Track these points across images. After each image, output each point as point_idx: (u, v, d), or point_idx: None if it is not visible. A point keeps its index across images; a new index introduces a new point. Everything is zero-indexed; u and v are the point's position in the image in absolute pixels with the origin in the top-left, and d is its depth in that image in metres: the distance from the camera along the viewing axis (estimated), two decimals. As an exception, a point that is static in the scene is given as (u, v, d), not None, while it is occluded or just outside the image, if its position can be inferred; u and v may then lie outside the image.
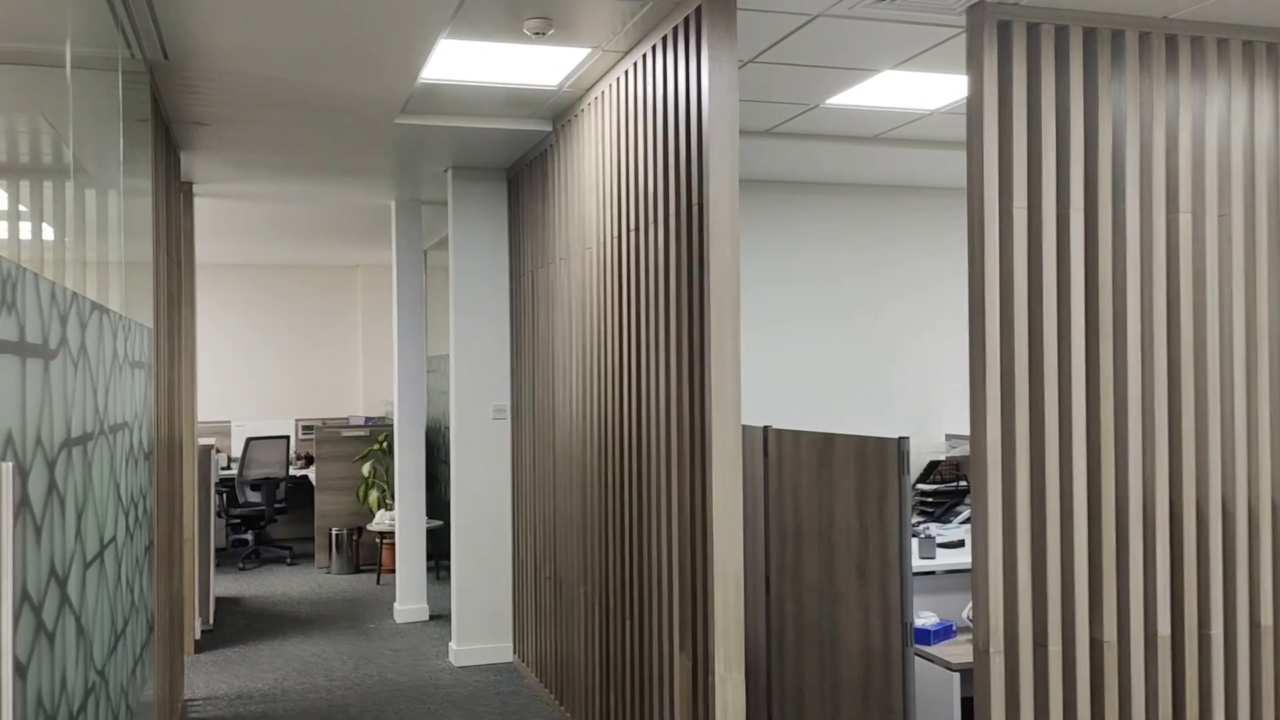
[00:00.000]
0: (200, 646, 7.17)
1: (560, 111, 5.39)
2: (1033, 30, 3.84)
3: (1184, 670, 3.95)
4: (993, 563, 3.76)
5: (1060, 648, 3.83)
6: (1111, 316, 3.92)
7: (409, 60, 4.40)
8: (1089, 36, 3.90)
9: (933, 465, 7.05)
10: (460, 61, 4.52)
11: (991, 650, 3.75)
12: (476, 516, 6.72)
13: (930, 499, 6.88)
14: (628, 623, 4.42)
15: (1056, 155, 3.87)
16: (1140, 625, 3.91)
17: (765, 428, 4.69)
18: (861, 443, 4.04)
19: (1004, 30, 3.80)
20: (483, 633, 6.74)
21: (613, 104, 4.60)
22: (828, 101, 5.11)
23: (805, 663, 4.42)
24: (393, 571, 8.85)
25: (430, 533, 8.74)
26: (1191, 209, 4.01)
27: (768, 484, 4.67)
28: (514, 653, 6.74)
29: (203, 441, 7.92)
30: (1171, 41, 3.99)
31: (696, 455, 3.71)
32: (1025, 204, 3.84)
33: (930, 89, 4.91)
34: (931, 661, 4.62)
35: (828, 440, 4.24)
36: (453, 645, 6.76)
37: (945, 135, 5.77)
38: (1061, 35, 3.87)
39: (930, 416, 7.31)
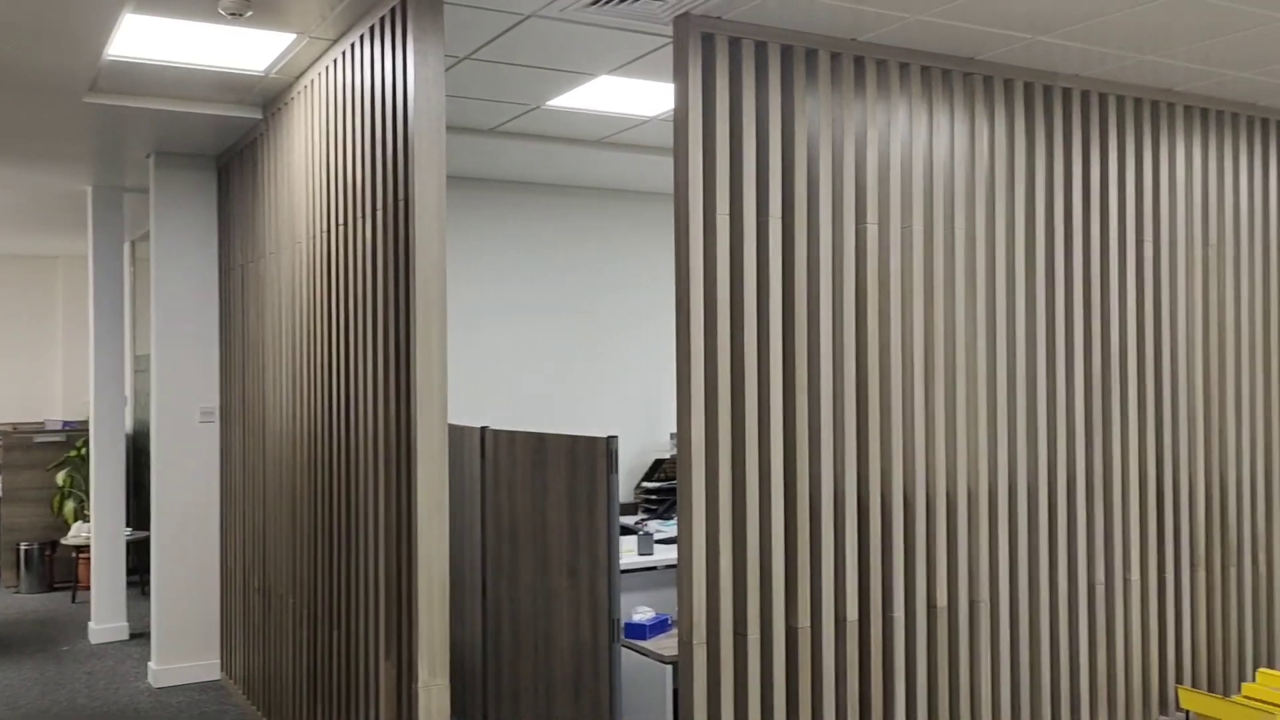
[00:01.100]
0: None
1: (270, 99, 5.13)
2: (735, 44, 3.99)
3: (870, 651, 4.23)
4: (696, 556, 3.88)
5: (759, 635, 4.01)
6: (806, 320, 4.14)
7: (92, 34, 4.05)
8: (786, 53, 4.10)
9: (658, 463, 7.23)
10: (156, 39, 4.21)
11: (695, 641, 3.87)
12: (181, 526, 6.30)
13: (654, 496, 7.06)
14: (335, 632, 4.26)
15: (757, 165, 4.05)
16: (831, 610, 4.15)
17: (483, 428, 4.65)
18: (572, 442, 4.08)
19: (708, 42, 3.94)
20: (186, 650, 6.33)
21: (322, 93, 4.42)
22: (549, 103, 5.13)
23: (521, 663, 4.41)
24: (90, 588, 8.16)
25: (136, 545, 8.13)
26: (878, 220, 4.29)
27: (485, 485, 4.63)
28: (221, 670, 6.36)
29: None
30: (859, 63, 4.26)
31: (402, 455, 3.62)
32: (728, 211, 3.99)
33: (648, 96, 5.02)
34: (645, 655, 4.73)
35: (540, 440, 4.24)
36: (152, 665, 6.31)
37: (664, 141, 5.93)
38: (761, 51, 4.05)
39: (658, 415, 7.50)
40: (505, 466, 4.46)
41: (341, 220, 4.19)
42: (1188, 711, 4.96)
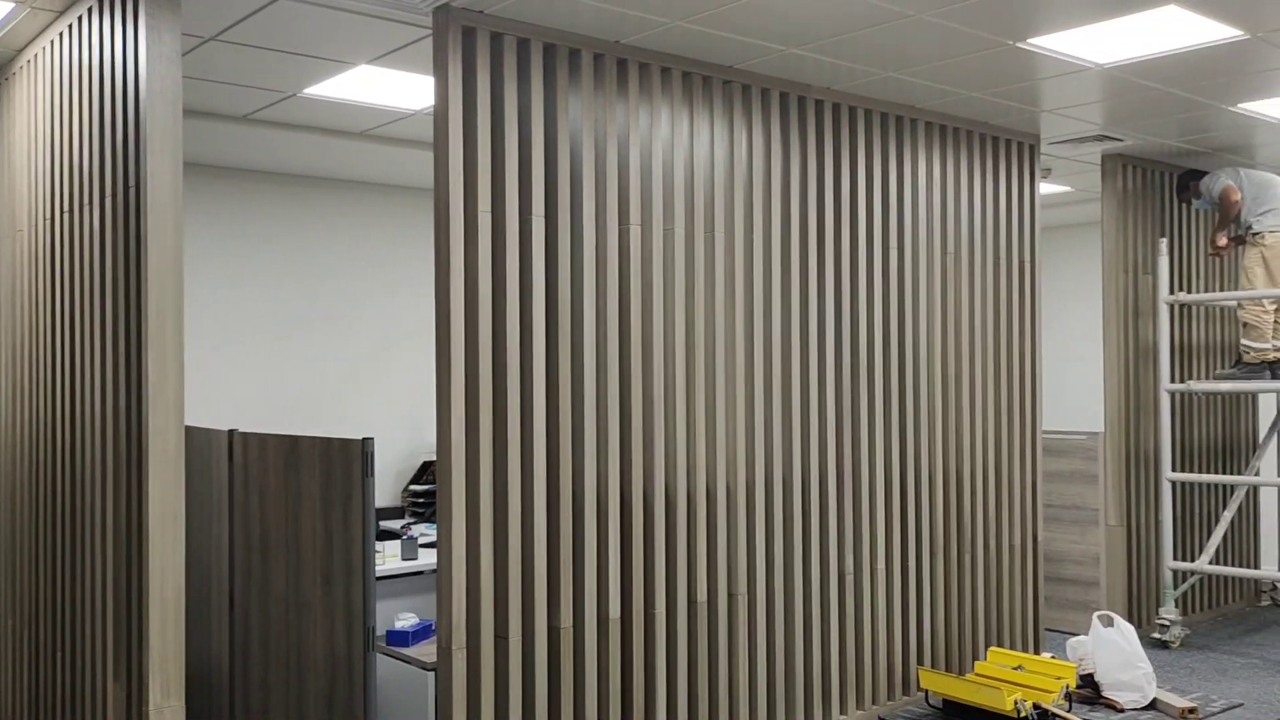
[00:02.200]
0: None
1: (-10, 72, 4.68)
2: (496, 40, 3.94)
3: (633, 648, 4.27)
4: (456, 560, 3.81)
5: (520, 637, 3.97)
6: (570, 320, 4.14)
7: None
8: (549, 52, 4.09)
9: (426, 466, 7.07)
10: None
11: (454, 647, 3.79)
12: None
13: (421, 499, 6.90)
14: (59, 655, 3.92)
15: (519, 164, 4.01)
16: (594, 610, 4.17)
17: (231, 431, 4.40)
18: (327, 445, 3.91)
19: (469, 37, 3.87)
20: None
21: (46, 69, 4.06)
22: (306, 91, 4.91)
23: (271, 677, 4.19)
24: None
25: None
26: (640, 222, 4.34)
27: (233, 492, 4.38)
28: (-65, 701, 5.75)
29: None
30: (623, 65, 4.30)
31: (134, 460, 3.37)
32: (490, 208, 3.93)
33: (413, 88, 4.89)
34: (407, 663, 4.61)
35: (294, 443, 4.05)
36: None
37: (430, 136, 5.79)
38: (524, 48, 4.02)
39: (427, 417, 7.31)
40: (256, 471, 4.23)
41: (67, 207, 3.87)
42: (927, 691, 5.29)
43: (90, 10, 3.64)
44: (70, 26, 3.82)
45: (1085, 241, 8.44)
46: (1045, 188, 7.20)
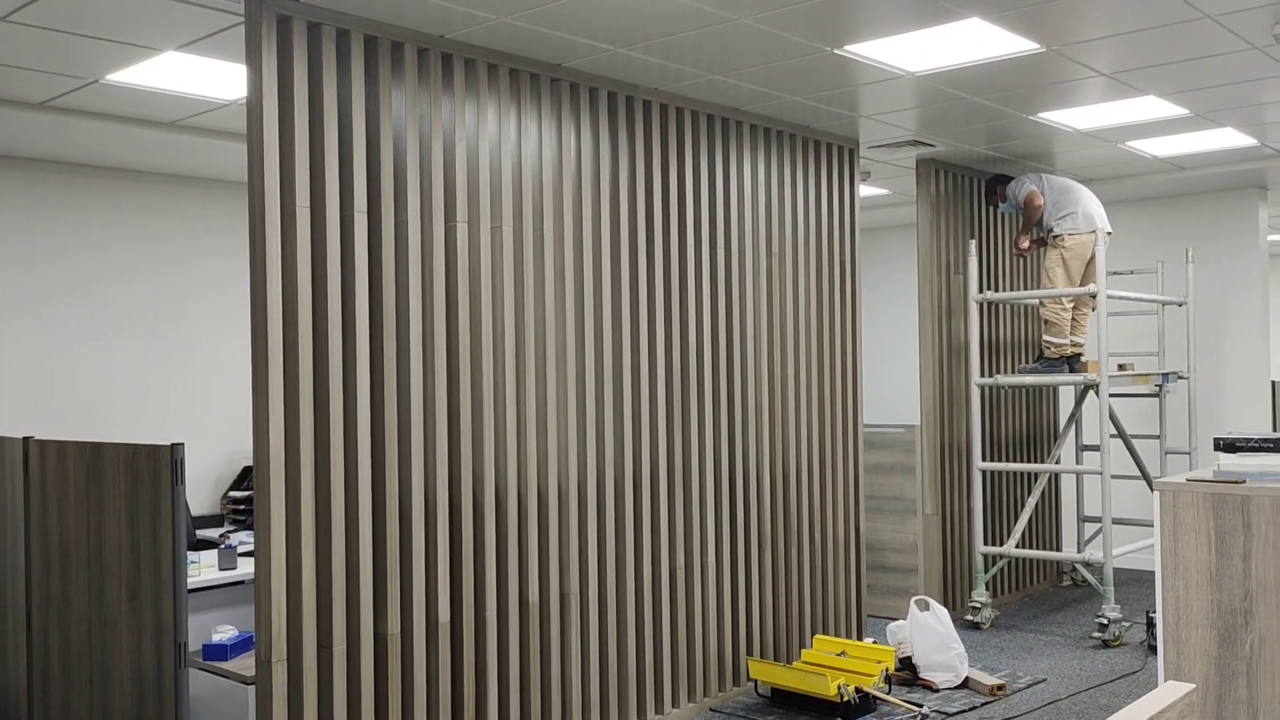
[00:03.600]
0: None
1: None
2: (314, 30, 3.81)
3: (463, 652, 4.20)
4: (275, 568, 3.66)
5: (345, 646, 3.85)
6: (395, 318, 4.04)
7: None
8: (370, 44, 3.98)
9: (247, 471, 6.80)
10: None
11: (274, 659, 3.65)
12: None
13: (242, 506, 6.63)
14: None
15: (340, 157, 3.89)
16: (423, 615, 4.08)
17: (26, 439, 4.11)
18: (133, 452, 3.71)
19: (284, 25, 3.73)
20: None
21: None
22: (109, 77, 4.63)
23: (74, 701, 3.94)
24: None
25: None
26: (468, 219, 4.28)
27: (29, 504, 4.09)
28: None
29: None
30: (448, 60, 4.23)
31: (-90, 476, 3.10)
32: (309, 204, 3.80)
33: (225, 77, 4.68)
34: (226, 677, 4.41)
35: (96, 450, 3.82)
36: None
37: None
38: (343, 39, 3.90)
39: (247, 419, 7.03)
40: (54, 481, 3.97)
41: None
42: (756, 680, 5.41)
43: None
44: None
45: (902, 243, 8.82)
46: (864, 190, 7.49)
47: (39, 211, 6.12)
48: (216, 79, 4.69)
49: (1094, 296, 6.41)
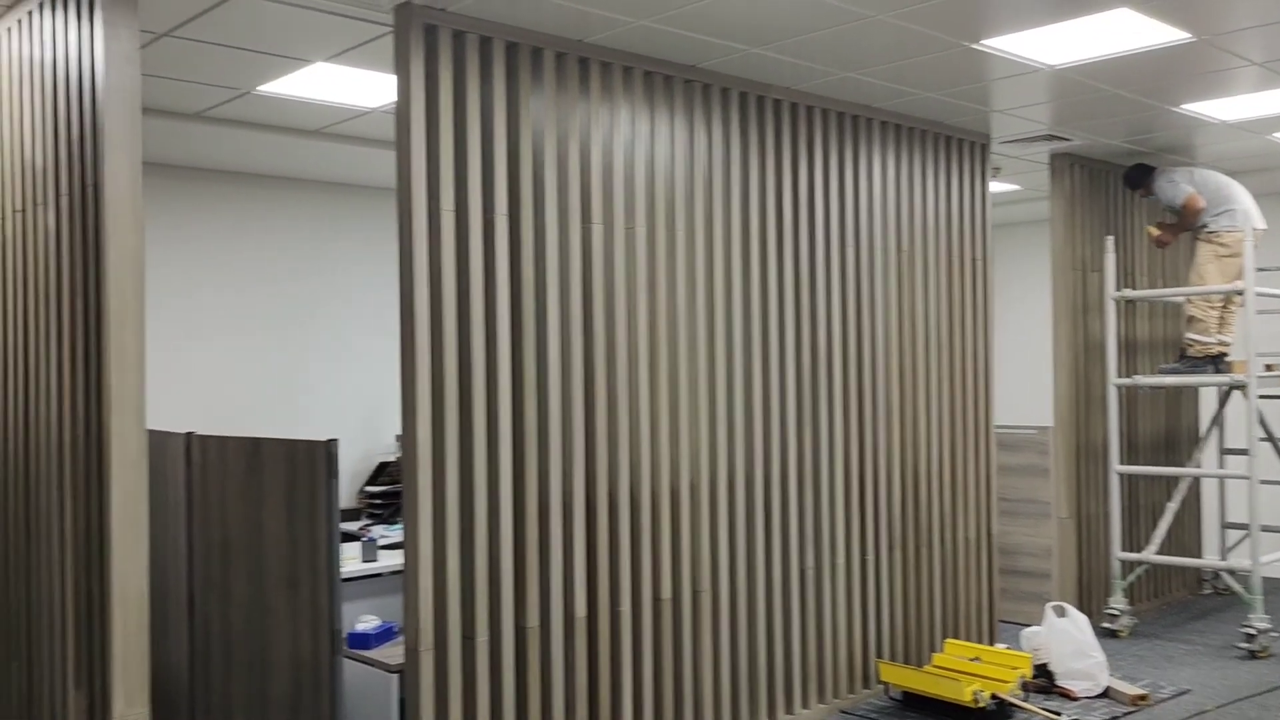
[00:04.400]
0: None
1: (-68, 68, 4.55)
2: (459, 38, 3.92)
3: (599, 646, 4.27)
4: (423, 561, 3.78)
5: (488, 638, 3.96)
6: (534, 319, 4.13)
7: None
8: (512, 50, 4.07)
9: (383, 466, 7.01)
10: None
11: (421, 648, 3.77)
12: None
13: (379, 501, 6.84)
14: (14, 663, 3.83)
15: (482, 162, 3.99)
16: (560, 609, 4.16)
17: (188, 434, 4.33)
18: (291, 447, 3.87)
19: (431, 34, 3.84)
20: None
21: (-5, 64, 3.97)
22: (260, 88, 4.84)
23: (233, 684, 4.13)
24: None
25: None
26: (603, 220, 4.34)
27: (191, 496, 4.31)
28: (-124, 715, 5.59)
29: None
30: (585, 64, 4.30)
31: (93, 467, 3.30)
32: (453, 207, 3.91)
33: (370, 86, 4.85)
34: (371, 665, 4.56)
35: (255, 446, 4.00)
36: None
37: (388, 134, 5.74)
38: (486, 46, 4.00)
39: (383, 417, 7.26)
40: (215, 475, 4.17)
41: (19, 207, 3.78)
42: (887, 683, 5.35)
43: (41, 6, 3.56)
44: (19, 22, 3.73)
45: (1033, 239, 8.60)
46: (994, 186, 7.33)
47: (195, 217, 6.42)
48: (360, 88, 4.86)
49: (1241, 294, 6.16)
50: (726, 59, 4.54)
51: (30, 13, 3.64)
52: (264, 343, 6.70)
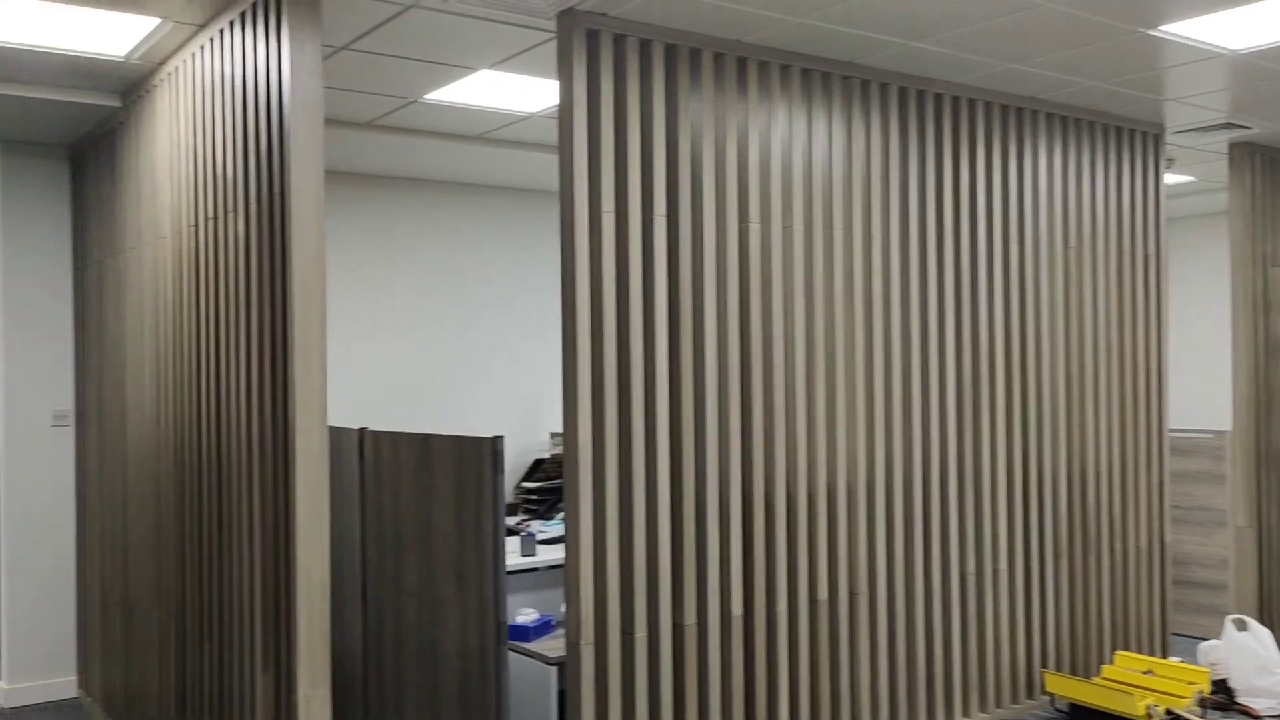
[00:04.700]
0: None
1: (131, 86, 4.88)
2: (619, 41, 3.98)
3: (755, 646, 4.27)
4: (584, 556, 3.85)
5: (646, 634, 4.00)
6: (691, 318, 4.15)
7: (-67, 11, 3.78)
8: (670, 52, 4.11)
9: (538, 463, 7.17)
10: (4, 19, 3.95)
11: (582, 642, 3.84)
12: (32, 537, 5.94)
13: (535, 496, 7.00)
14: (207, 644, 4.07)
15: (641, 164, 4.04)
16: (717, 607, 4.18)
17: (362, 429, 4.52)
18: (459, 443, 3.99)
19: (593, 39, 3.91)
20: (40, 667, 5.97)
21: (188, 81, 4.23)
22: (427, 96, 5.02)
23: (405, 672, 4.30)
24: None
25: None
26: (760, 220, 4.34)
27: (365, 489, 4.50)
28: (79, 687, 6.03)
29: None
30: (743, 64, 4.30)
31: (280, 458, 3.49)
32: (614, 209, 3.97)
33: (529, 91, 4.96)
34: (530, 657, 4.68)
35: (425, 441, 4.15)
36: (2, 684, 5.93)
37: (548, 138, 5.87)
38: (645, 49, 4.04)
39: (537, 415, 7.43)
40: (388, 469, 4.34)
41: (211, 214, 4.02)
42: (1053, 694, 5.18)
43: (231, 24, 3.77)
44: (211, 40, 3.97)
45: (1211, 232, 8.17)
46: (1169, 178, 7.00)
47: (360, 222, 6.70)
48: (520, 93, 4.98)
49: None
50: (885, 54, 4.48)
51: (221, 31, 3.87)
52: (422, 343, 6.95)
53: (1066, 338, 5.40)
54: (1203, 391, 8.25)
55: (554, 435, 7.42)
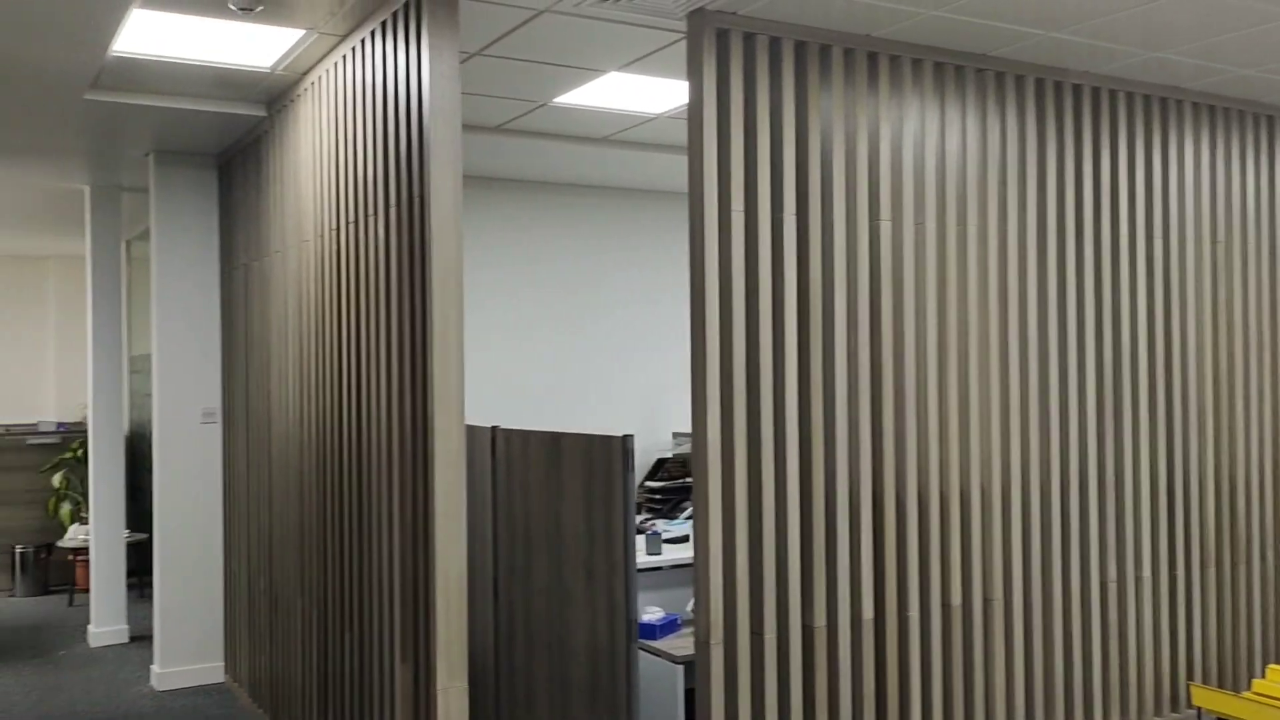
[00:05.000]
0: None
1: (275, 95, 5.09)
2: (749, 40, 3.97)
3: (885, 650, 4.21)
4: (713, 556, 3.85)
5: (775, 635, 3.98)
6: (821, 317, 4.12)
7: (97, 29, 4.00)
8: (800, 50, 4.08)
9: (661, 463, 7.20)
10: (161, 35, 4.16)
11: (712, 641, 3.84)
12: (183, 528, 6.24)
13: (658, 495, 7.03)
14: (348, 635, 4.22)
15: (771, 162, 4.02)
16: (847, 610, 4.13)
17: (494, 428, 4.62)
18: (589, 442, 4.04)
19: (723, 38, 3.91)
20: (190, 653, 6.28)
21: (331, 90, 4.38)
22: (556, 100, 5.10)
23: (535, 666, 4.37)
24: (88, 591, 8.08)
25: (135, 547, 8.05)
26: (891, 217, 4.27)
27: (496, 485, 4.60)
28: (225, 673, 6.32)
29: None
30: (873, 59, 4.24)
31: (419, 457, 3.59)
32: (743, 208, 3.96)
33: (656, 93, 4.99)
34: (657, 655, 4.70)
35: (555, 440, 4.21)
36: (155, 668, 6.25)
37: (669, 138, 5.90)
38: (775, 47, 4.02)
39: (660, 414, 7.46)
40: (518, 466, 4.42)
41: (352, 218, 4.15)
42: (1200, 708, 4.95)
43: (373, 34, 3.90)
44: (353, 50, 4.10)
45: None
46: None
47: (491, 224, 6.84)
48: (647, 94, 5.02)
49: None
50: (1020, 45, 4.36)
51: (363, 40, 4.00)
52: (549, 343, 7.05)
53: (1214, 335, 5.17)
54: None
55: (676, 435, 7.44)
